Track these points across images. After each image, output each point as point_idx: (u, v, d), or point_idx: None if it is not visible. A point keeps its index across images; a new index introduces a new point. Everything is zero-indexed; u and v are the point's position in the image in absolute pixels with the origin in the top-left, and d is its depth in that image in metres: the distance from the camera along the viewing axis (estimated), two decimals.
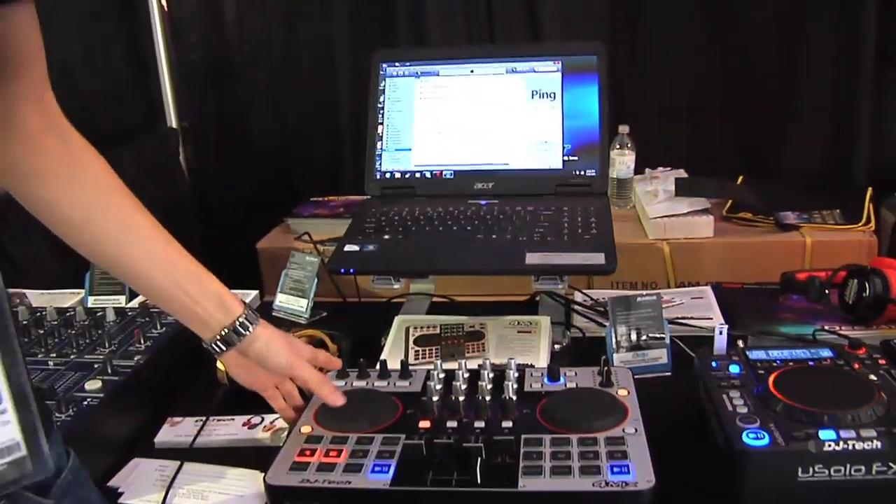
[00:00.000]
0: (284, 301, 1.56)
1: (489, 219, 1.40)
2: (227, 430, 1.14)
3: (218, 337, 0.99)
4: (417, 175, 1.52)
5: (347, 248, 1.36)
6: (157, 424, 1.16)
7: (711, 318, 1.38)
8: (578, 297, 1.53)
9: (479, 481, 0.90)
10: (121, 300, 1.59)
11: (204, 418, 1.15)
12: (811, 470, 0.84)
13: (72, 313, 1.33)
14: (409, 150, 1.52)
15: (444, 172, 1.51)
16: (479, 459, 0.92)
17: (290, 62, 2.65)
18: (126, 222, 0.94)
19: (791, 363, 1.01)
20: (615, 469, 0.90)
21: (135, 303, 1.56)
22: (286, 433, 1.06)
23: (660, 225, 2.21)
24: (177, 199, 2.61)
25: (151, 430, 1.15)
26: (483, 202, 1.46)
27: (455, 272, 1.41)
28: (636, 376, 1.20)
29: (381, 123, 1.54)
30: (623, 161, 2.37)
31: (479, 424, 1.02)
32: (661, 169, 2.46)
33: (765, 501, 0.87)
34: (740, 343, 1.08)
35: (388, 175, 1.53)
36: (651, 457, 0.93)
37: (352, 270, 1.32)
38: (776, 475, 0.85)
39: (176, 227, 1.02)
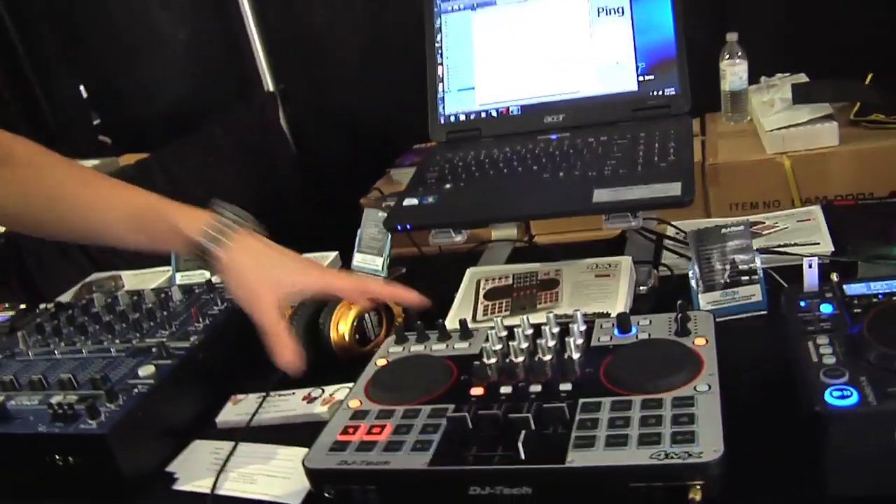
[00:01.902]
0: (361, 260, 1.48)
1: (558, 155, 1.25)
2: (287, 405, 1.08)
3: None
4: (483, 115, 1.39)
5: (406, 202, 1.26)
6: (222, 403, 1.12)
7: (819, 244, 1.19)
8: (671, 230, 1.36)
9: (522, 457, 0.79)
10: (207, 274, 1.56)
11: (264, 395, 1.10)
12: None
13: (163, 294, 1.29)
14: (472, 89, 1.39)
15: (510, 109, 1.37)
16: (523, 433, 0.81)
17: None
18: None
19: (895, 297, 0.83)
20: (678, 437, 0.77)
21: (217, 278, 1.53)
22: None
23: (778, 137, 1.97)
24: (279, 161, 2.59)
25: (216, 410, 1.11)
26: (553, 136, 1.31)
27: (515, 219, 1.29)
28: (729, 318, 1.05)
29: (441, 64, 1.41)
30: (734, 72, 2.14)
31: (535, 389, 0.90)
32: (778, 76, 2.20)
33: (857, 472, 0.71)
34: (834, 276, 0.89)
35: (452, 118, 1.40)
36: (725, 420, 0.78)
37: (408, 227, 1.22)
38: (867, 441, 0.69)
39: (280, 188, 0.95)
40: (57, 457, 0.97)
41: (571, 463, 0.77)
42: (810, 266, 0.90)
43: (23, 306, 1.38)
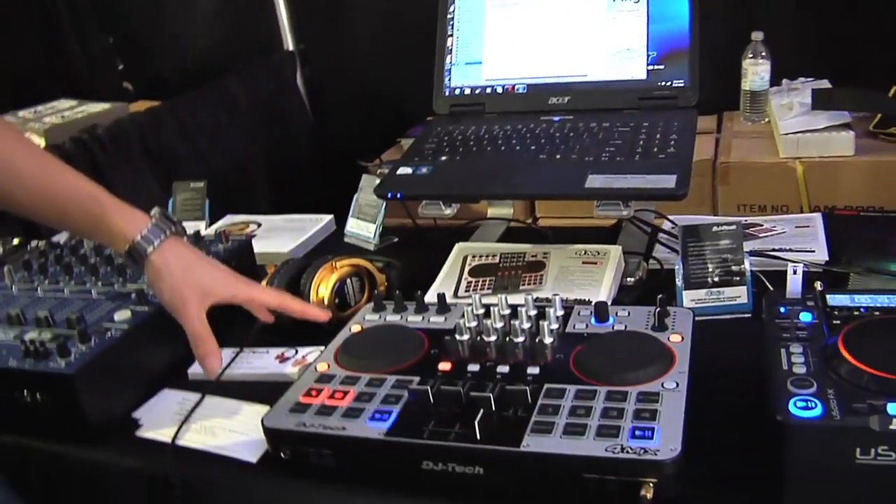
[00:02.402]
0: (354, 226, 1.47)
1: (557, 137, 1.23)
2: (260, 362, 1.07)
3: (125, 260, 0.93)
4: (488, 90, 1.36)
5: (400, 170, 1.23)
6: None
7: (814, 251, 1.16)
8: (668, 225, 1.33)
9: (478, 437, 0.78)
10: (201, 226, 1.56)
11: (238, 350, 1.09)
12: (872, 451, 0.65)
13: None
14: (480, 63, 1.36)
15: (516, 87, 1.34)
16: (481, 412, 0.79)
17: None
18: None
19: (877, 312, 0.80)
20: (637, 432, 0.75)
21: (212, 230, 1.53)
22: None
23: (793, 141, 1.93)
24: (293, 121, 2.57)
25: (189, 361, 1.09)
26: (556, 118, 1.28)
27: (505, 197, 1.26)
28: (712, 317, 1.03)
29: (451, 35, 1.38)
30: (756, 71, 2.08)
31: (503, 370, 0.89)
32: (801, 80, 2.14)
33: (815, 486, 0.69)
34: (818, 284, 0.87)
35: (457, 91, 1.38)
36: (687, 419, 0.76)
37: (399, 195, 1.20)
38: (827, 456, 0.67)
39: (290, 148, 0.95)
40: (25, 393, 0.96)
41: (526, 447, 0.76)
42: (794, 272, 0.87)
43: (16, 241, 1.38)
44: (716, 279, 1.04)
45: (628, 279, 1.17)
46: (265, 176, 2.43)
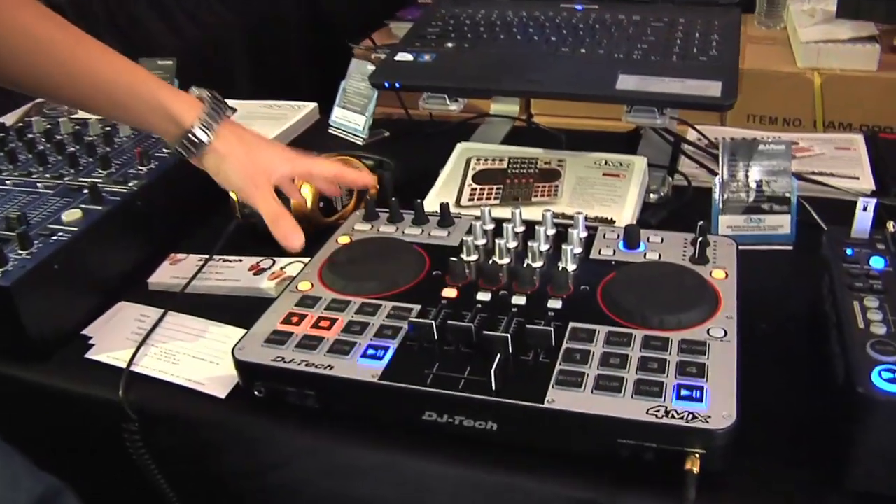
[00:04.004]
0: (341, 116, 1.29)
1: (581, 29, 1.05)
2: (231, 273, 0.92)
3: (176, 149, 0.78)
4: None
5: (399, 56, 1.05)
6: (158, 262, 0.95)
7: (858, 178, 1.01)
8: (693, 134, 1.17)
9: (493, 387, 0.64)
10: None
11: (206, 257, 0.93)
12: None
13: (109, 127, 1.08)
14: None
15: None
16: (497, 357, 0.65)
17: None
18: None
19: None
20: (683, 391, 0.61)
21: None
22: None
23: (812, 51, 1.75)
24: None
25: (151, 269, 0.94)
26: (579, 7, 1.10)
27: (523, 94, 1.10)
28: (747, 246, 0.88)
29: None
30: None
31: (519, 301, 0.74)
32: None
33: (887, 470, 0.56)
34: (891, 225, 0.72)
35: None
36: (741, 378, 0.63)
37: (397, 85, 1.02)
38: None
39: (276, 27, 0.77)
40: None
41: (551, 404, 0.62)
42: (865, 208, 0.72)
43: None
44: (756, 204, 0.90)
45: (651, 195, 1.02)
46: (245, 55, 2.20)
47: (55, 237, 0.83)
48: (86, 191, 0.91)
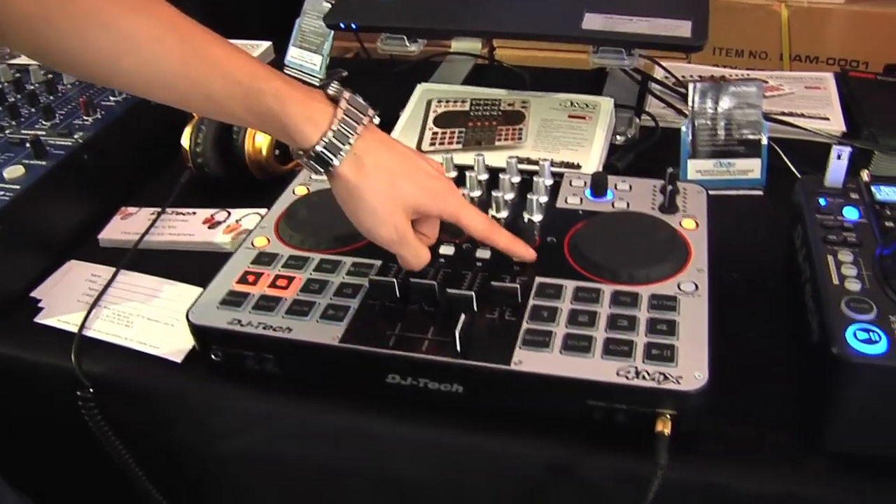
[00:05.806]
0: (297, 56, 1.21)
1: None
2: (185, 227, 0.87)
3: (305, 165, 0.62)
4: None
5: None
6: (108, 217, 0.89)
7: (829, 119, 0.98)
8: (659, 72, 1.13)
9: (458, 349, 0.61)
10: None
11: (159, 211, 0.88)
12: None
13: (51, 74, 1.00)
14: None
15: None
16: (462, 317, 0.61)
17: None
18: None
19: None
20: (653, 350, 0.59)
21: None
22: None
23: None
24: None
25: (101, 224, 0.88)
26: None
27: (487, 35, 1.04)
28: (716, 191, 0.85)
29: None
30: None
31: (483, 255, 0.70)
32: None
33: (866, 430, 0.55)
34: (865, 174, 0.69)
35: None
36: (713, 335, 0.60)
37: (353, 26, 0.96)
38: (890, 398, 0.52)
39: None
40: None
41: (518, 365, 0.59)
42: (839, 156, 0.69)
43: None
44: (729, 148, 0.86)
45: (617, 137, 0.98)
46: None
47: None
48: (28, 145, 0.85)
